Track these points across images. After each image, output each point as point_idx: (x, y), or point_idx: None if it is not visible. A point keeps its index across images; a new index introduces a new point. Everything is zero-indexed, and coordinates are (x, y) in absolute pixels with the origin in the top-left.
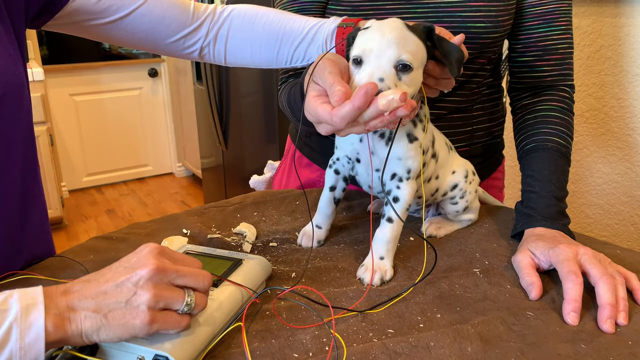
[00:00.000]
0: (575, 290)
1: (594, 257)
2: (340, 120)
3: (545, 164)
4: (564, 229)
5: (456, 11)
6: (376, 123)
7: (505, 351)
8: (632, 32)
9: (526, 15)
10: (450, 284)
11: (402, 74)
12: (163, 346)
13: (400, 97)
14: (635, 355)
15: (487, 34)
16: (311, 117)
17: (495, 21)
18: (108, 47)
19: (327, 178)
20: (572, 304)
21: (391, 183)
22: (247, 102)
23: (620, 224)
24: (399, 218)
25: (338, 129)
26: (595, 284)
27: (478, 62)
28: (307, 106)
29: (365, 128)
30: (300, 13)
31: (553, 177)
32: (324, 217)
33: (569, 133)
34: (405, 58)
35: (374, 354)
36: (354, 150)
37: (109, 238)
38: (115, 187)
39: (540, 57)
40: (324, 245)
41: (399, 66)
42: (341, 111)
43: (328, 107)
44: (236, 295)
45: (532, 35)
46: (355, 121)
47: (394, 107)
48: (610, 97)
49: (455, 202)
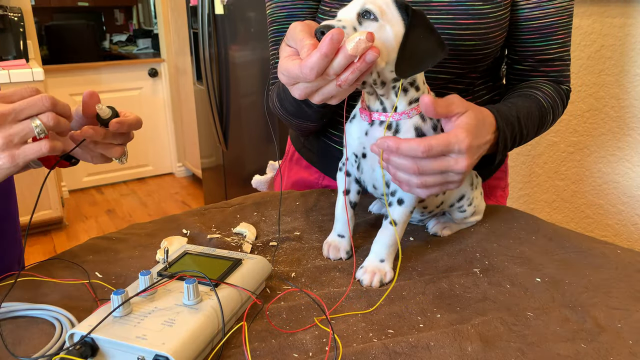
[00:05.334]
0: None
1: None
2: (309, 71)
3: (522, 101)
4: (499, 130)
5: (445, 29)
6: (347, 75)
7: (505, 351)
8: (632, 32)
9: (522, 29)
10: (450, 284)
11: (363, 20)
12: (163, 346)
13: (367, 37)
14: (635, 355)
15: (477, 51)
16: (284, 77)
17: (486, 38)
18: (108, 47)
19: (339, 182)
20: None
21: None
22: (247, 102)
23: (620, 224)
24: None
25: (309, 85)
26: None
27: (469, 77)
28: (280, 67)
29: (337, 83)
30: (289, 19)
31: (523, 109)
32: (344, 224)
33: (553, 105)
34: (369, 7)
35: (374, 354)
36: (360, 145)
37: (108, 238)
38: (115, 187)
39: (535, 67)
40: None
41: (362, 14)
42: (309, 61)
43: (298, 61)
44: (235, 295)
45: (528, 48)
46: (325, 75)
47: (363, 48)
48: (610, 97)
49: (463, 210)
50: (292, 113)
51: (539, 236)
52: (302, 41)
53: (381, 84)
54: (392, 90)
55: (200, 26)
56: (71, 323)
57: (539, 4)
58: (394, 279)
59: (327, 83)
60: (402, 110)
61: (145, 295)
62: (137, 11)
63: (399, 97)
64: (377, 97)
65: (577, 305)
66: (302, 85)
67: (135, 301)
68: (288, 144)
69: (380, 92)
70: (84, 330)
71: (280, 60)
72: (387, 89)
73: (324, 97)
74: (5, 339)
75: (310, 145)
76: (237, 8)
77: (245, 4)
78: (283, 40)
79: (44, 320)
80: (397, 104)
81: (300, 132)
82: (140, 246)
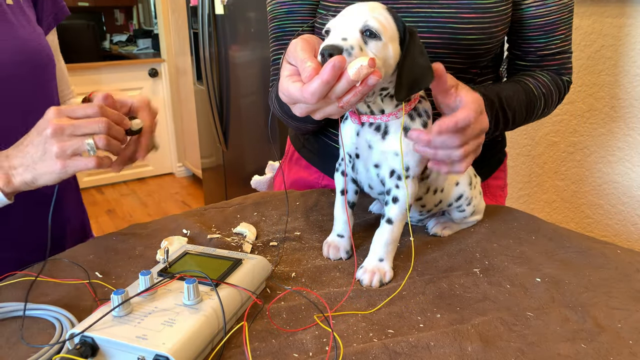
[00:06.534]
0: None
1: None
2: (310, 96)
3: (509, 85)
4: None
5: (447, 22)
6: (349, 98)
7: (505, 351)
8: (632, 32)
9: (526, 27)
10: (450, 284)
11: (368, 40)
12: (163, 346)
13: (369, 63)
14: (635, 355)
15: (479, 46)
16: (285, 98)
17: (487, 33)
18: (108, 47)
19: (337, 182)
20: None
21: (390, 181)
22: (247, 102)
23: (620, 224)
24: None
25: (311, 106)
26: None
27: (470, 72)
28: (280, 86)
29: (339, 105)
30: (289, 15)
31: (507, 91)
32: (343, 224)
33: (545, 92)
34: (372, 24)
35: (374, 354)
36: (353, 145)
37: (108, 238)
38: (115, 187)
39: (537, 62)
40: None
41: (365, 32)
42: (310, 87)
43: (300, 85)
44: (235, 295)
45: (531, 45)
46: (327, 98)
47: (364, 74)
48: (610, 97)
49: (462, 210)
50: (290, 116)
51: (539, 236)
52: (303, 62)
53: (370, 94)
54: (380, 96)
55: (201, 26)
56: (71, 323)
57: (544, 3)
58: (403, 280)
59: (328, 104)
60: (390, 112)
61: (146, 295)
62: (137, 11)
63: (386, 102)
64: (365, 102)
65: (577, 305)
66: (303, 106)
67: (135, 301)
68: (288, 143)
69: (368, 99)
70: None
71: (281, 79)
72: (375, 96)
73: (325, 115)
74: (5, 339)
75: (310, 144)
76: (237, 8)
77: (245, 4)
78: (283, 57)
79: (44, 320)
80: (384, 108)
81: (299, 132)
82: (140, 246)
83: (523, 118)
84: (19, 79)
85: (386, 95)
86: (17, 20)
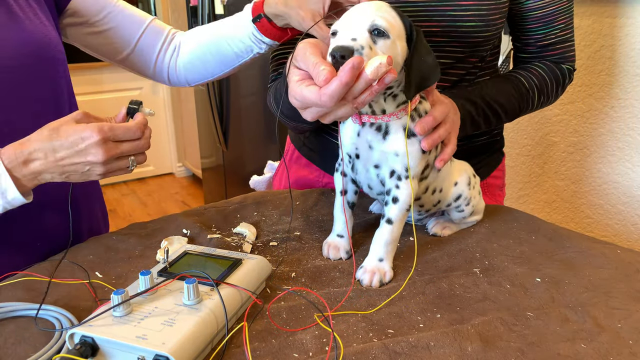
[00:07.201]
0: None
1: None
2: (329, 99)
3: (494, 82)
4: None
5: (446, 10)
6: (365, 97)
7: (505, 351)
8: (632, 32)
9: (526, 19)
10: (450, 284)
11: (377, 38)
12: (163, 346)
13: (387, 61)
14: (635, 355)
15: (478, 33)
16: (297, 102)
17: (486, 20)
18: None
19: (336, 183)
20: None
21: (390, 181)
22: (247, 102)
23: (620, 224)
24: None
25: (326, 110)
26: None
27: (469, 62)
28: (291, 91)
29: (354, 105)
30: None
31: (490, 88)
32: (343, 224)
33: (540, 83)
34: (380, 23)
35: (374, 354)
36: (353, 146)
37: (108, 238)
38: (115, 187)
39: (538, 53)
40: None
41: (373, 31)
42: (329, 89)
43: (315, 88)
44: (235, 295)
45: (531, 36)
46: (343, 99)
47: (382, 72)
48: (610, 97)
49: (461, 210)
50: (288, 116)
51: (539, 236)
52: (316, 66)
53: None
54: (382, 95)
55: None
56: (71, 323)
57: None
58: (407, 276)
59: (341, 107)
60: (391, 112)
61: (146, 295)
62: None
63: (388, 102)
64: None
65: (577, 305)
66: (315, 110)
67: (135, 301)
68: (287, 142)
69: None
70: (84, 330)
71: (292, 84)
72: (378, 96)
73: (336, 118)
74: (5, 339)
75: (310, 142)
76: (237, 8)
77: (245, 4)
78: (290, 61)
79: (44, 320)
80: (385, 108)
81: (296, 131)
82: (140, 246)
83: (517, 109)
84: (25, 70)
85: (389, 95)
86: (22, 12)
